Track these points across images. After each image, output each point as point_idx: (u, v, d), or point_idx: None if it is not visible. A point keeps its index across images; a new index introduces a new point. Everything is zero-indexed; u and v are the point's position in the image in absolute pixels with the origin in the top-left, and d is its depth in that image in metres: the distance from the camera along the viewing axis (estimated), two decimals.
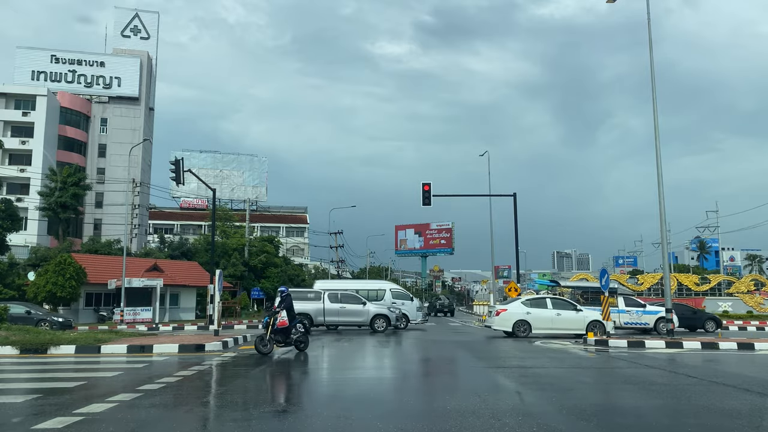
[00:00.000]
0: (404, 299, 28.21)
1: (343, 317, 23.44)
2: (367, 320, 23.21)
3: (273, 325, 13.79)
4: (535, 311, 20.21)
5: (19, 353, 13.79)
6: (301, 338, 14.35)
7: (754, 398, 7.81)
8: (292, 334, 14.16)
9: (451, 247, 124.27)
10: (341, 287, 27.25)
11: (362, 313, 23.28)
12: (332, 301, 23.46)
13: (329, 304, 23.38)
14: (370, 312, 23.34)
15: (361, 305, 23.52)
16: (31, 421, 6.07)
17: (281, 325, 13.79)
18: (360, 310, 23.32)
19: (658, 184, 19.29)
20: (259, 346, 13.48)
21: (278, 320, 13.81)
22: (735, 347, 16.06)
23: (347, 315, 23.39)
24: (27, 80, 59.46)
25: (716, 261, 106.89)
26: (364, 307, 23.48)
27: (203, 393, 8.48)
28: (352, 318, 23.46)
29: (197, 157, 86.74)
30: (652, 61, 19.65)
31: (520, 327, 20.04)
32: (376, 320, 23.14)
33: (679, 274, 55.17)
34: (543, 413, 6.62)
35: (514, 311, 20.49)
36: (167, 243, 54.41)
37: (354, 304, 23.59)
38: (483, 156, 40.03)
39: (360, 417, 6.47)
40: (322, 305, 23.32)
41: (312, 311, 23.14)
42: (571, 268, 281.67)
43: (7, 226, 36.69)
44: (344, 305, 23.42)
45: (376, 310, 23.64)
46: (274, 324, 13.80)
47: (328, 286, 27.23)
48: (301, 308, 22.85)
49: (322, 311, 23.25)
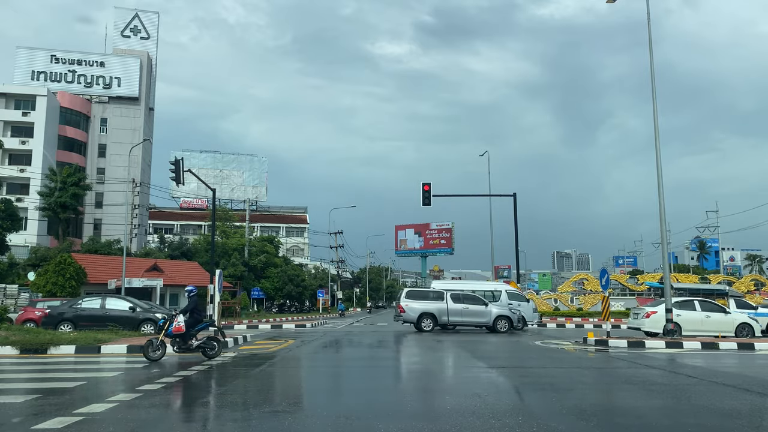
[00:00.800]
0: (520, 300, 28.06)
1: (466, 317, 23.42)
2: (490, 321, 23.16)
3: (167, 329, 12.40)
4: (684, 313, 19.78)
5: (19, 353, 13.79)
6: (208, 344, 12.52)
7: (754, 398, 7.81)
8: (196, 340, 12.57)
9: (451, 247, 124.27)
10: (458, 287, 27.19)
11: (485, 314, 23.21)
12: (455, 302, 23.45)
13: (452, 304, 23.39)
14: (493, 313, 23.31)
15: (483, 306, 23.46)
16: (31, 421, 6.06)
17: (176, 330, 12.30)
18: (482, 311, 23.24)
19: (658, 185, 19.30)
20: (147, 352, 12.08)
21: (174, 325, 12.33)
22: (735, 347, 16.07)
23: (470, 315, 23.38)
24: (27, 80, 59.48)
25: (716, 261, 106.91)
26: (486, 308, 23.41)
27: (203, 393, 8.48)
28: (475, 318, 23.45)
29: (197, 157, 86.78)
30: (652, 61, 19.66)
31: None
32: (499, 321, 23.10)
33: (679, 274, 55.19)
34: (543, 413, 6.62)
35: None
36: (167, 243, 54.44)
37: (476, 304, 23.58)
38: (483, 156, 40.09)
39: (360, 417, 6.47)
40: (445, 305, 23.34)
41: (435, 311, 23.27)
42: (571, 268, 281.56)
43: (7, 226, 36.68)
44: (467, 306, 23.43)
45: (499, 311, 23.60)
46: (168, 328, 12.41)
47: (446, 287, 27.32)
48: (425, 308, 23.26)
49: (446, 311, 23.27)
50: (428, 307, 23.30)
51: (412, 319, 23.28)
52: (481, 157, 40.25)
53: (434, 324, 23.09)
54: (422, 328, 22.96)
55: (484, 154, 39.96)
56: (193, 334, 12.58)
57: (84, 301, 21.06)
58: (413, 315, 23.21)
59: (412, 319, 23.27)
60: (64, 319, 19.89)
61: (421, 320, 23.06)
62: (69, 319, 19.87)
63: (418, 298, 24.01)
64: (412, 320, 23.36)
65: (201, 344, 12.52)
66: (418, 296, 24.24)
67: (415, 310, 23.26)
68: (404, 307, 23.42)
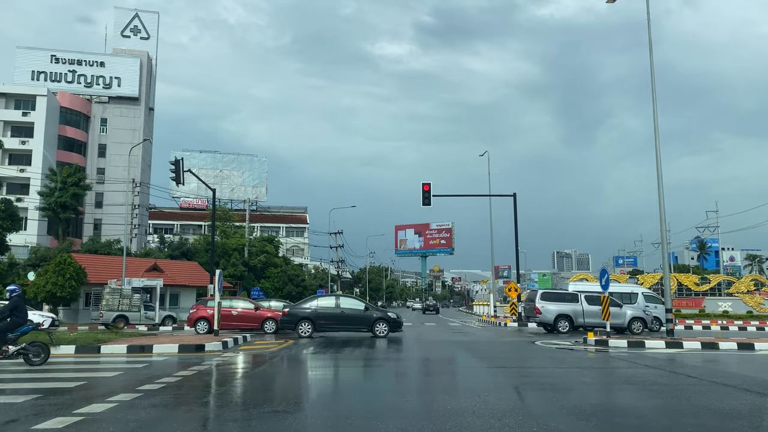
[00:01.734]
0: (656, 303, 27.93)
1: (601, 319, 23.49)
2: (624, 322, 23.16)
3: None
4: None
5: None
6: (30, 350, 11.27)
7: (754, 398, 7.81)
8: (14, 346, 11.24)
9: (451, 247, 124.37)
10: (593, 289, 26.99)
11: (619, 315, 23.14)
12: (590, 303, 23.46)
13: (587, 306, 23.43)
14: (627, 314, 23.30)
15: (617, 308, 23.38)
16: (31, 421, 6.06)
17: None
18: (617, 312, 23.14)
19: (658, 185, 19.29)
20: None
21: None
22: (735, 347, 16.05)
23: None
24: (27, 80, 59.48)
25: (716, 261, 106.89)
26: (621, 309, 23.37)
27: (203, 393, 8.48)
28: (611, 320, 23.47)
29: (197, 157, 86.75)
30: (652, 62, 19.65)
31: None
32: (633, 323, 23.12)
33: (679, 274, 55.15)
34: (543, 413, 6.62)
35: None
36: (167, 243, 54.40)
37: (612, 306, 23.54)
38: (483, 156, 40.06)
39: (360, 417, 6.47)
40: (580, 307, 23.40)
41: (571, 312, 23.38)
42: (571, 268, 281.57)
43: (7, 226, 36.69)
44: None
45: (633, 312, 23.62)
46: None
47: (581, 288, 27.37)
48: (561, 309, 23.35)
49: (581, 313, 23.35)
50: (564, 308, 23.41)
51: (549, 321, 23.40)
52: (481, 157, 40.25)
53: (570, 326, 23.19)
54: (559, 330, 23.03)
55: (484, 154, 39.95)
56: (10, 339, 11.23)
57: (320, 299, 21.69)
58: (549, 316, 23.36)
59: (549, 320, 23.40)
60: (304, 318, 20.38)
61: (558, 322, 23.20)
62: (308, 317, 20.33)
63: (553, 299, 24.05)
64: (548, 321, 23.45)
65: (21, 350, 11.23)
66: (554, 298, 24.28)
67: (551, 311, 23.38)
68: (540, 308, 23.52)
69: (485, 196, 38.60)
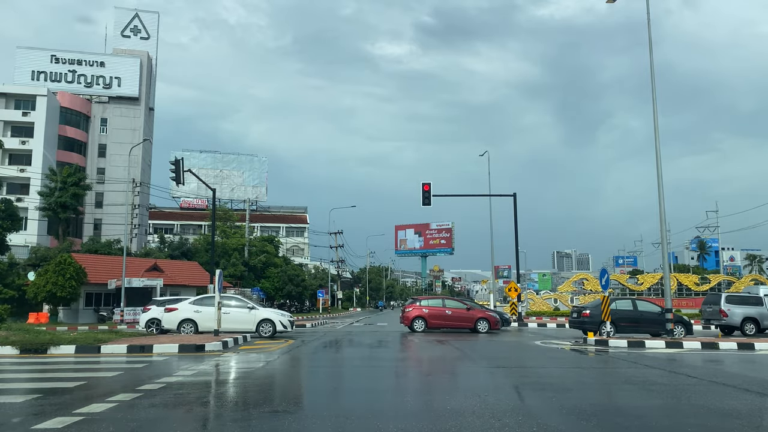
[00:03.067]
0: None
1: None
2: None
3: None
4: None
5: (19, 353, 13.78)
6: None
7: (754, 398, 7.80)
8: None
9: (451, 247, 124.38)
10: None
11: None
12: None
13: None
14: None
15: None
16: (31, 421, 6.06)
17: None
18: None
19: (658, 185, 19.29)
20: None
21: None
22: (735, 347, 16.06)
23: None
24: (27, 80, 59.48)
25: (716, 261, 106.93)
26: None
27: (203, 393, 8.47)
28: None
29: (197, 157, 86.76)
30: (652, 62, 19.64)
31: None
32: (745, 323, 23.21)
33: (679, 274, 55.18)
34: (543, 413, 6.62)
35: None
36: (167, 243, 54.41)
37: None
38: (483, 156, 40.01)
39: (360, 417, 6.47)
40: (765, 310, 23.42)
41: (757, 315, 23.39)
42: (571, 268, 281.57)
43: (7, 226, 36.69)
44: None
45: None
46: None
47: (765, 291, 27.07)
48: (747, 312, 23.34)
49: (767, 315, 23.38)
50: (750, 311, 23.44)
51: (735, 324, 23.45)
52: (481, 157, 40.19)
53: (757, 329, 23.17)
54: (745, 332, 23.04)
55: (484, 154, 39.91)
56: None
57: (619, 301, 21.73)
58: (736, 319, 23.39)
59: (735, 323, 23.45)
60: None
61: (744, 325, 23.26)
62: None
63: (738, 302, 24.04)
64: (735, 324, 23.50)
65: None
66: (739, 301, 24.29)
67: (738, 314, 23.42)
68: (726, 311, 23.55)
69: (485, 196, 38.59)
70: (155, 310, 23.10)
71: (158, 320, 21.76)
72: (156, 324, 22.34)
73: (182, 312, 19.99)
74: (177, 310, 20.09)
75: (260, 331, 19.90)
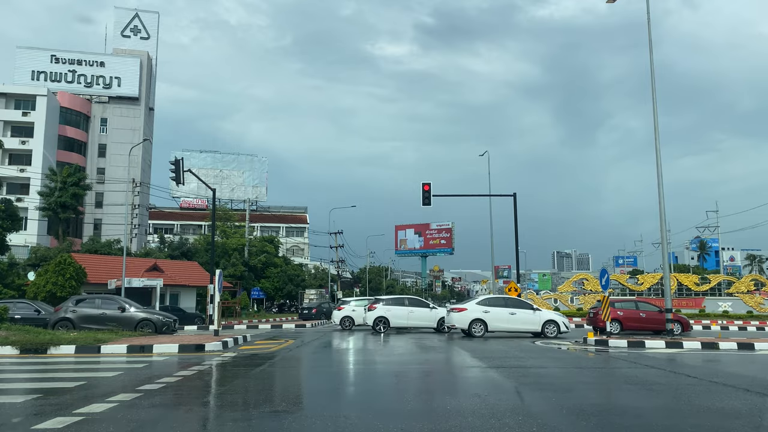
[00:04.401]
0: None
1: None
2: None
3: None
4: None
5: (19, 353, 13.78)
6: None
7: (754, 398, 7.80)
8: None
9: (451, 247, 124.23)
10: None
11: None
12: None
13: None
14: None
15: None
16: (31, 421, 6.06)
17: None
18: None
19: (658, 185, 19.29)
20: None
21: None
22: (735, 347, 16.05)
23: None
24: (27, 80, 59.47)
25: (716, 261, 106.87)
26: None
27: (203, 393, 8.48)
28: None
29: (197, 157, 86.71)
30: (652, 62, 19.64)
31: None
32: None
33: (679, 274, 55.12)
34: (543, 413, 6.62)
35: None
36: (167, 243, 54.40)
37: None
38: (483, 156, 40.05)
39: (360, 417, 6.47)
40: None
41: None
42: (571, 268, 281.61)
43: (7, 226, 36.63)
44: None
45: None
46: None
47: None
48: None
49: None
50: None
51: None
52: (481, 157, 40.23)
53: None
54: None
55: (484, 154, 39.94)
56: None
57: None
58: None
59: None
60: None
61: None
62: None
63: None
64: None
65: None
66: None
67: None
68: None
69: (485, 196, 38.59)
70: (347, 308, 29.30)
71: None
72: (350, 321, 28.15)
73: (471, 312, 21.10)
74: (466, 311, 21.30)
75: (545, 332, 20.86)
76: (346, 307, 29.53)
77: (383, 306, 24.43)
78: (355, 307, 28.61)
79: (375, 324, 23.91)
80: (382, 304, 24.71)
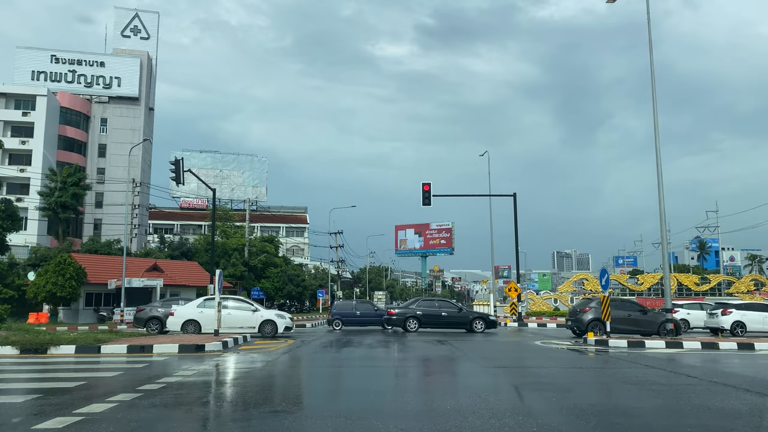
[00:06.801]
0: None
1: None
2: None
3: None
4: None
5: (19, 353, 13.78)
6: None
7: (754, 398, 7.80)
8: None
9: (451, 247, 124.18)
10: None
11: None
12: None
13: None
14: None
15: None
16: (31, 421, 6.06)
17: None
18: None
19: (658, 185, 19.30)
20: None
21: None
22: (735, 347, 16.06)
23: None
24: (27, 80, 59.46)
25: (716, 261, 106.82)
26: None
27: (203, 393, 8.47)
28: None
29: (197, 157, 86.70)
30: (652, 62, 19.65)
31: None
32: None
33: (679, 274, 55.14)
34: (543, 413, 6.62)
35: None
36: (167, 243, 54.41)
37: None
38: (483, 156, 40.05)
39: (360, 416, 6.47)
40: None
41: None
42: (571, 268, 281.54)
43: (7, 226, 36.65)
44: None
45: None
46: None
47: None
48: None
49: None
50: None
51: None
52: (481, 157, 40.24)
53: None
54: None
55: (484, 155, 39.93)
56: None
57: None
58: None
59: None
60: None
61: None
62: None
63: None
64: None
65: None
66: None
67: None
68: None
69: (485, 196, 38.61)
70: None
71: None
72: None
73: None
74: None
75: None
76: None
77: None
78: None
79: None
80: None
